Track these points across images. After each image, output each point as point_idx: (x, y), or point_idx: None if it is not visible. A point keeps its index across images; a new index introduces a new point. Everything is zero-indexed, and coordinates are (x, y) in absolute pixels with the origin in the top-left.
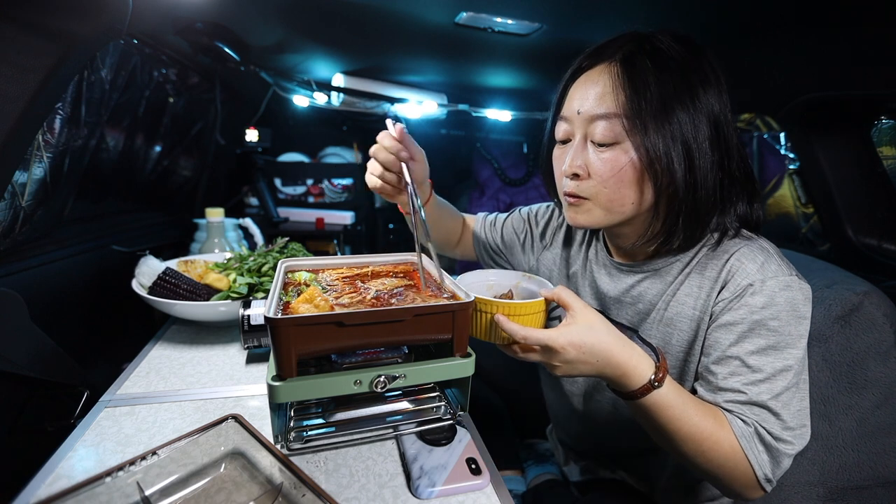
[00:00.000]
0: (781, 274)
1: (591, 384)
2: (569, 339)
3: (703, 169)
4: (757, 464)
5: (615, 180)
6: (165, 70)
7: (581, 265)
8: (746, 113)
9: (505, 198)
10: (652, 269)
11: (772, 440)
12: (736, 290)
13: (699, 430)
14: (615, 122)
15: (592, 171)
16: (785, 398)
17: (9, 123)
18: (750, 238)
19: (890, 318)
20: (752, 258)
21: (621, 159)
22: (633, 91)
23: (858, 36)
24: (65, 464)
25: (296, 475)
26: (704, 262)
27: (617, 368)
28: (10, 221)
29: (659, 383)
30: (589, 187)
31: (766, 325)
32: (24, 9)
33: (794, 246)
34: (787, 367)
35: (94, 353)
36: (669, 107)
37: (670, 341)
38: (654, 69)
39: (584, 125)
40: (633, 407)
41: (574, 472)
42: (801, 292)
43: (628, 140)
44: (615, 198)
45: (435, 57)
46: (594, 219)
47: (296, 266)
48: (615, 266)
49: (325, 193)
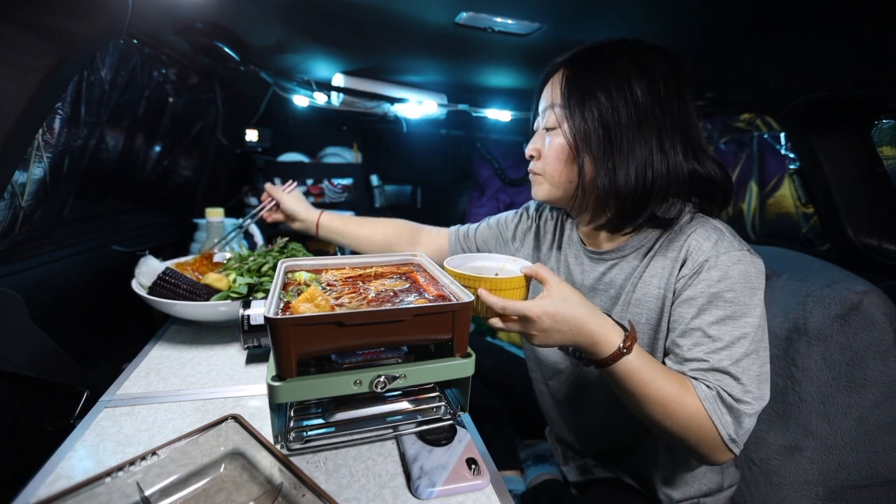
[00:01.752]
0: (734, 249)
1: (575, 376)
2: (543, 309)
3: (625, 150)
4: (720, 423)
5: (554, 159)
6: (165, 70)
7: (555, 261)
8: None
9: (505, 198)
10: (619, 256)
11: (733, 401)
12: (694, 266)
13: (665, 393)
14: (556, 109)
15: (543, 152)
16: (745, 364)
17: (9, 123)
18: (705, 219)
19: (889, 318)
20: (707, 237)
21: (557, 141)
22: (567, 83)
23: (858, 36)
24: (65, 464)
25: (296, 475)
26: (666, 245)
27: (589, 337)
28: (9, 221)
29: (627, 350)
30: (540, 165)
31: (722, 297)
32: (24, 9)
33: (794, 246)
34: (744, 335)
35: (94, 353)
36: (592, 93)
37: (640, 321)
38: (589, 63)
39: (542, 117)
40: (606, 374)
41: (573, 471)
42: (754, 266)
43: (565, 124)
44: (555, 174)
45: (435, 57)
46: (545, 192)
47: (296, 266)
48: (587, 255)
49: (325, 193)
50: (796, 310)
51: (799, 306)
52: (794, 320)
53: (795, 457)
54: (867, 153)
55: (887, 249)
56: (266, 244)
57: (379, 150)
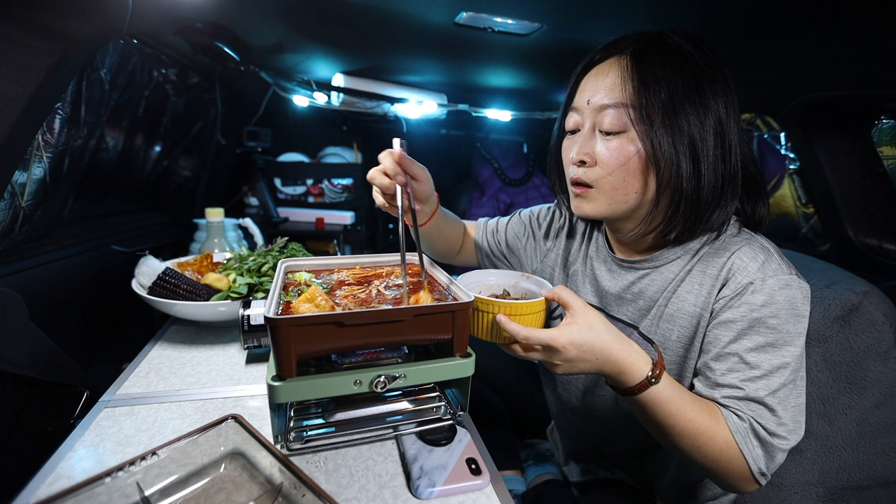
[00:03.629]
0: (781, 273)
1: (589, 386)
2: (570, 339)
3: (707, 166)
4: (751, 458)
5: (620, 168)
6: (165, 70)
7: (581, 263)
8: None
9: (505, 198)
10: (652, 266)
11: (766, 435)
12: (737, 287)
13: (695, 426)
14: (622, 111)
15: (598, 159)
16: (782, 395)
17: (9, 123)
18: (751, 236)
19: (889, 318)
20: (754, 257)
21: (627, 148)
22: (640, 83)
23: (858, 36)
24: (64, 464)
25: (296, 475)
26: (706, 260)
27: (616, 366)
28: (9, 221)
29: (656, 380)
30: (594, 174)
31: (765, 323)
32: (24, 9)
33: (794, 246)
34: (784, 365)
35: (93, 353)
36: (678, 102)
37: (670, 337)
38: (663, 64)
39: (593, 115)
40: (632, 403)
41: (574, 472)
42: (801, 291)
43: (634, 130)
44: (619, 186)
45: (435, 57)
46: (598, 208)
47: (296, 266)
48: (616, 262)
49: (324, 193)
50: None
51: None
52: None
53: (796, 458)
54: (867, 153)
55: (887, 249)
56: (266, 244)
57: (379, 150)
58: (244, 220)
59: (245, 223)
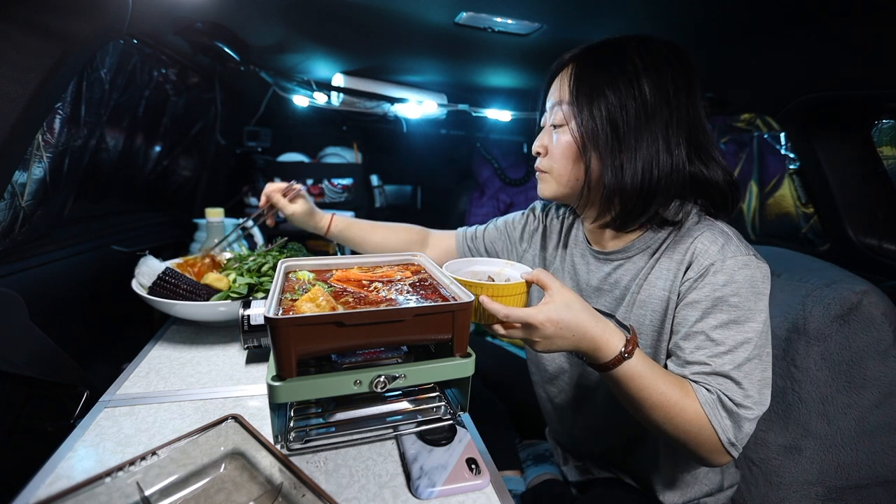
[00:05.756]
0: (740, 254)
1: (575, 379)
2: (547, 316)
3: (632, 149)
4: (720, 428)
5: (561, 156)
6: (165, 70)
7: (560, 260)
8: (746, 113)
9: (505, 198)
10: (625, 256)
11: (733, 406)
12: (700, 269)
13: (667, 398)
14: (564, 106)
15: (549, 149)
16: (747, 368)
17: (9, 123)
18: (712, 223)
19: (889, 318)
20: (714, 240)
21: (564, 138)
22: (575, 80)
23: (859, 36)
24: (64, 464)
25: (296, 475)
26: (672, 247)
27: (591, 342)
28: (9, 221)
29: (629, 355)
30: (547, 163)
31: (727, 301)
32: (24, 9)
33: (794, 246)
34: (747, 340)
35: (93, 353)
36: (600, 90)
37: (643, 322)
38: (597, 65)
39: (549, 113)
40: (608, 378)
41: (573, 471)
42: (759, 271)
43: (573, 122)
44: (563, 173)
45: (435, 57)
46: (552, 189)
47: (296, 266)
48: (593, 254)
49: (325, 193)
50: (796, 310)
51: (798, 306)
52: (793, 320)
53: (795, 457)
54: (867, 153)
55: (887, 249)
56: (266, 244)
57: (379, 150)
58: (246, 222)
59: (247, 225)
